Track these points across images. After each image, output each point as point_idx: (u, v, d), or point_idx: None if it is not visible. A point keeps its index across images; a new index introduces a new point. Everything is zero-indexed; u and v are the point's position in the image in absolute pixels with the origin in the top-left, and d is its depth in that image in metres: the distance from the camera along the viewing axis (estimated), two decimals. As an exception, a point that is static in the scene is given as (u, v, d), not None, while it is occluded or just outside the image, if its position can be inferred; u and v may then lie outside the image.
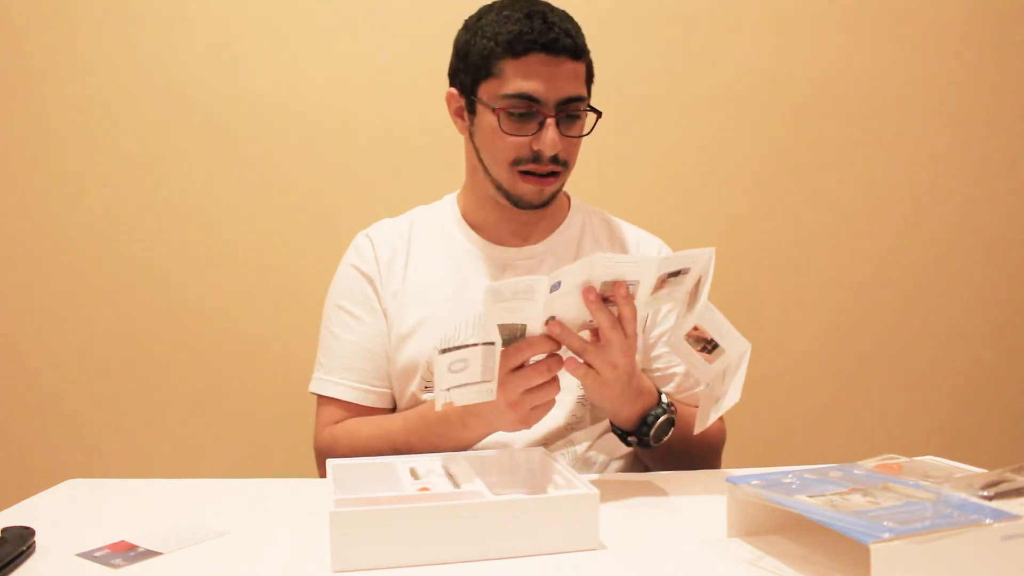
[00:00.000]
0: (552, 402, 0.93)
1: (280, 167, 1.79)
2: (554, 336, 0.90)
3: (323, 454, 1.14)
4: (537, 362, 0.90)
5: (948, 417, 1.97)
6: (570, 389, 1.14)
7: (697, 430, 0.97)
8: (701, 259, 0.91)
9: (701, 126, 1.88)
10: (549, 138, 1.07)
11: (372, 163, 1.80)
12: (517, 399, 0.91)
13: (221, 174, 1.79)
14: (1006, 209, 1.98)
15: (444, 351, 0.84)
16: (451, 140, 1.23)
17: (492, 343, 0.86)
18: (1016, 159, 1.98)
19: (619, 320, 0.91)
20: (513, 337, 0.89)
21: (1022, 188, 1.98)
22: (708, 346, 0.93)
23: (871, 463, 0.85)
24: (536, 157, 1.09)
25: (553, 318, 0.89)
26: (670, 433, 1.04)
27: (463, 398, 0.87)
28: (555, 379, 0.92)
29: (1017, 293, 1.99)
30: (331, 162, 1.80)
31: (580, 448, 1.14)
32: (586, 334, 0.94)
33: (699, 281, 0.93)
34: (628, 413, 1.01)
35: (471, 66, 1.11)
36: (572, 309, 0.89)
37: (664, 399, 1.04)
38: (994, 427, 1.99)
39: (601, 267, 0.87)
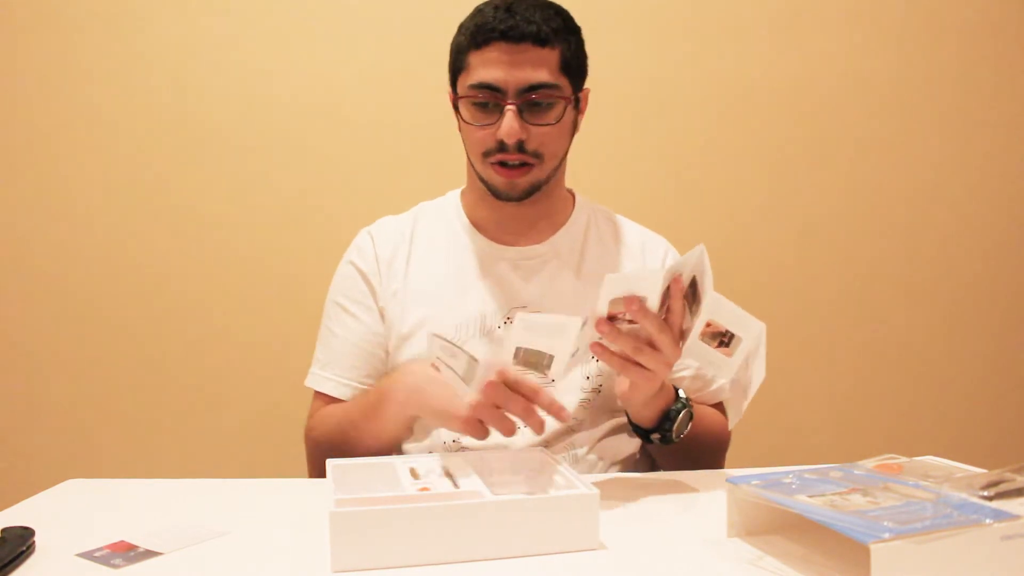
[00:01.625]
0: (487, 432, 0.92)
1: (282, 165, 1.79)
2: (603, 334, 0.91)
3: (306, 443, 1.18)
4: (522, 400, 0.88)
5: (948, 417, 1.97)
6: (572, 391, 1.14)
7: (732, 423, 1.01)
8: (691, 259, 0.92)
9: (703, 126, 1.88)
10: (506, 125, 1.06)
11: (375, 161, 1.80)
12: (480, 404, 0.90)
13: (222, 173, 1.79)
14: (1006, 209, 1.98)
15: (437, 336, 0.88)
16: (455, 137, 1.23)
17: (476, 360, 0.86)
18: (1017, 159, 1.98)
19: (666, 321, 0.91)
20: (540, 364, 0.88)
21: (1022, 188, 1.98)
22: (724, 339, 0.92)
23: (871, 463, 0.85)
24: (503, 147, 1.08)
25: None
26: (689, 427, 1.05)
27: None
28: (512, 422, 0.90)
29: (1017, 293, 1.99)
30: (334, 159, 1.80)
31: (581, 451, 1.14)
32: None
33: (694, 281, 0.93)
34: (652, 410, 1.02)
35: (451, 63, 1.15)
36: (586, 336, 0.92)
37: (681, 394, 1.05)
38: (994, 427, 1.98)
39: (610, 287, 0.88)
